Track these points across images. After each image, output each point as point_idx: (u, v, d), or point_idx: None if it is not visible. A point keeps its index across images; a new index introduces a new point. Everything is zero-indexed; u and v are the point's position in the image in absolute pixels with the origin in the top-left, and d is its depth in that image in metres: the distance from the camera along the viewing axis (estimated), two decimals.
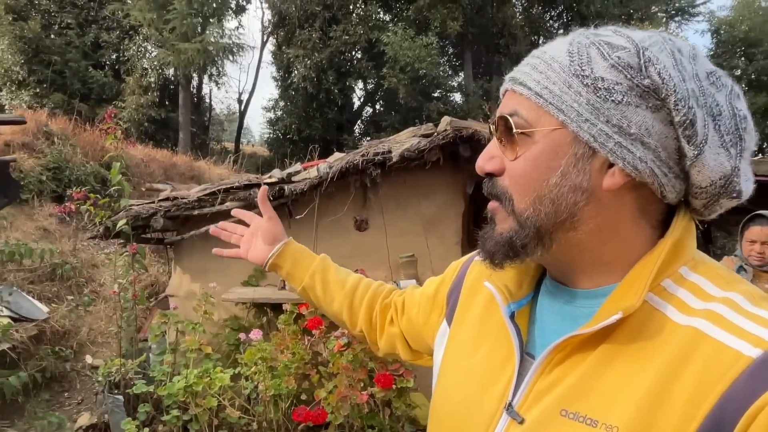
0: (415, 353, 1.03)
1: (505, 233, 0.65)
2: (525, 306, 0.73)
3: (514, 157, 0.63)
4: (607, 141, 0.58)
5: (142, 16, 16.19)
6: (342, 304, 1.08)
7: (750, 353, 0.51)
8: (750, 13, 22.32)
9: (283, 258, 1.10)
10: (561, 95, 0.59)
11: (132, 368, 3.77)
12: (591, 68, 0.58)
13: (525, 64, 0.65)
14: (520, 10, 21.31)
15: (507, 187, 0.64)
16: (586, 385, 0.59)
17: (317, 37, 17.05)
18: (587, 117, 0.58)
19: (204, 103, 22.90)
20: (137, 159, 9.48)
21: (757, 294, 0.58)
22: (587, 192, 0.60)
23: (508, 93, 0.66)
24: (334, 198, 3.93)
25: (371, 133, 18.95)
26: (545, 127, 0.60)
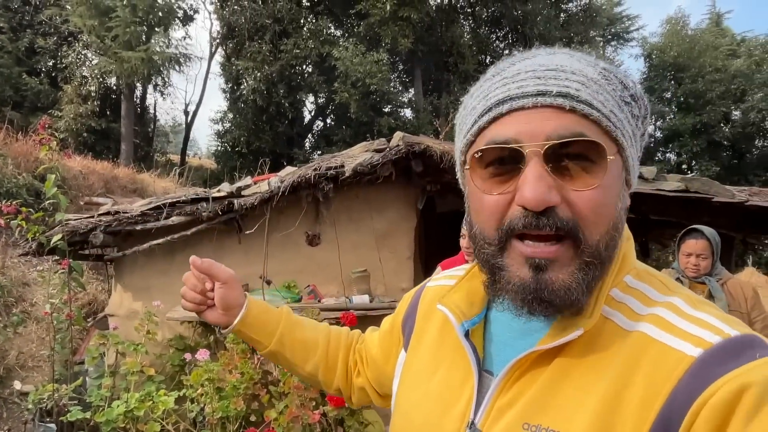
0: (385, 399, 0.98)
1: (580, 276, 0.58)
2: (478, 324, 0.73)
3: (591, 186, 0.56)
4: (635, 165, 0.62)
5: (82, 22, 15.53)
6: (317, 366, 0.99)
7: (692, 353, 0.54)
8: (678, 40, 23.89)
9: (245, 325, 0.97)
10: (622, 119, 0.59)
11: (66, 394, 3.54)
12: (626, 94, 0.60)
13: (565, 80, 0.58)
14: (468, 30, 21.93)
15: (572, 220, 0.57)
16: (546, 397, 0.60)
17: (267, 50, 16.87)
18: (632, 143, 0.61)
19: (148, 114, 22.15)
20: (75, 171, 9.00)
21: (696, 298, 0.62)
22: (627, 211, 0.64)
23: (548, 111, 0.57)
24: (286, 213, 3.87)
25: (322, 147, 18.88)
26: (612, 153, 0.58)
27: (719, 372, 0.51)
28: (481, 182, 0.61)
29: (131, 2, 15.59)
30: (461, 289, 0.75)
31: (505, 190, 0.59)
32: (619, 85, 0.60)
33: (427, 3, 18.34)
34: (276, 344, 0.97)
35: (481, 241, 0.63)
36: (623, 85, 0.61)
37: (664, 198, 3.48)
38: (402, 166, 3.75)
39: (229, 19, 17.91)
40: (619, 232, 0.61)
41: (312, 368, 0.99)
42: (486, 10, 21.37)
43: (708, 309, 0.59)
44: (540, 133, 0.56)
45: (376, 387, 0.98)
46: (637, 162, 0.64)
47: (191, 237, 3.81)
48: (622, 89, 0.60)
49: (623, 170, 0.61)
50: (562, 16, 23.14)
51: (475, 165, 0.61)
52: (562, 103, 0.56)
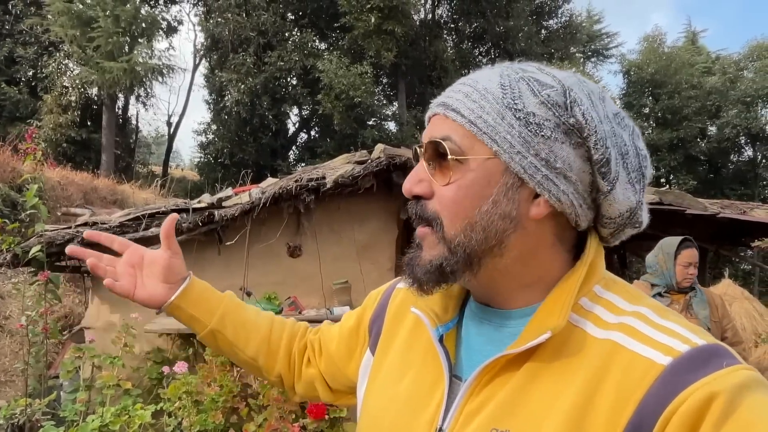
0: (335, 393, 0.97)
1: (434, 259, 0.65)
2: (452, 329, 0.73)
3: (446, 182, 0.63)
4: (536, 173, 0.61)
5: (63, 32, 15.41)
6: (258, 349, 0.95)
7: (662, 361, 0.55)
8: (655, 57, 24.50)
9: (186, 299, 0.91)
10: (495, 126, 0.61)
11: (40, 408, 3.45)
12: (523, 103, 0.61)
13: (456, 91, 0.65)
14: (451, 45, 22.25)
15: (438, 212, 0.64)
16: (514, 402, 0.61)
17: (251, 62, 16.90)
18: (519, 149, 0.60)
19: (130, 125, 21.97)
20: (53, 182, 8.86)
21: (662, 308, 0.63)
22: (515, 220, 0.62)
23: (438, 117, 0.66)
24: (267, 224, 3.86)
25: (306, 159, 18.90)
26: (479, 156, 0.62)
27: (689, 380, 0.52)
28: None
29: (114, 13, 15.53)
30: (435, 293, 0.74)
31: None
32: (516, 93, 0.61)
33: (411, 17, 18.58)
34: (217, 323, 0.92)
35: None
36: (532, 92, 0.61)
37: None
38: (383, 177, 3.78)
39: (213, 31, 17.93)
40: (485, 233, 0.62)
41: (253, 352, 0.95)
42: (469, 26, 21.74)
43: (675, 319, 0.61)
44: (427, 136, 0.66)
45: (328, 381, 0.96)
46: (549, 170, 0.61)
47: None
48: (517, 97, 0.61)
49: (505, 175, 0.62)
50: (543, 32, 23.65)
51: (414, 163, 0.70)
52: (439, 111, 0.66)
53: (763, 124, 22.81)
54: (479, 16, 20.46)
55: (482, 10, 20.08)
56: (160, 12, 19.85)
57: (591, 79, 16.66)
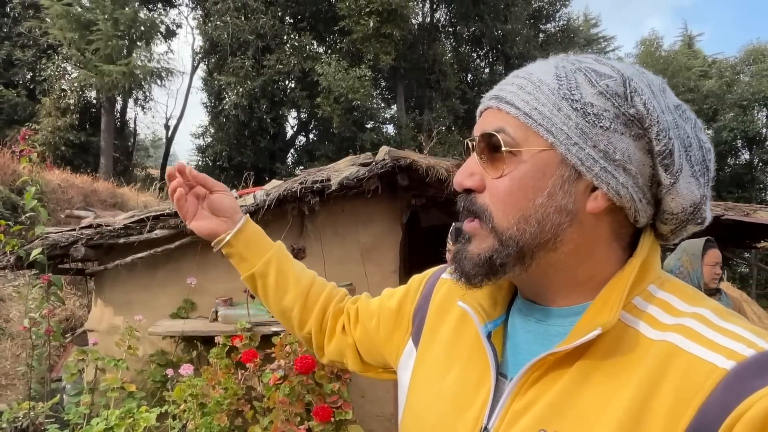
0: (365, 365, 0.98)
1: (483, 252, 0.64)
2: (500, 326, 0.72)
3: (499, 174, 0.63)
4: (594, 165, 0.59)
5: (62, 35, 15.40)
6: (295, 301, 0.98)
7: (724, 365, 0.52)
8: (652, 61, 24.65)
9: (238, 237, 0.96)
10: (551, 117, 0.60)
11: (43, 411, 3.44)
12: (580, 93, 0.60)
13: (509, 84, 0.65)
14: (450, 48, 22.31)
15: (488, 205, 0.64)
16: (564, 403, 0.59)
17: (250, 65, 16.91)
18: (576, 140, 0.59)
19: (128, 128, 21.92)
20: (54, 184, 8.85)
21: (723, 309, 0.61)
22: (571, 214, 0.61)
23: (491, 111, 0.66)
24: (271, 226, 3.85)
25: (305, 162, 18.88)
26: (534, 148, 0.61)
27: (754, 386, 0.49)
28: None
29: (113, 16, 15.54)
30: (484, 288, 0.73)
31: None
32: (573, 84, 0.61)
33: (410, 21, 18.63)
34: (263, 265, 0.97)
35: None
36: (589, 83, 0.61)
37: None
38: (387, 180, 3.77)
39: (211, 34, 17.93)
40: (539, 226, 0.61)
41: (289, 302, 0.98)
42: (467, 29, 21.80)
43: (737, 321, 0.58)
44: (479, 129, 0.66)
45: (361, 352, 0.97)
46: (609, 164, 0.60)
47: (174, 250, 3.77)
48: (575, 87, 0.61)
49: (561, 167, 0.61)
50: (541, 36, 23.75)
51: (466, 158, 0.70)
52: (492, 104, 0.65)
53: (760, 128, 22.93)
54: (477, 20, 20.52)
55: (480, 13, 20.15)
56: (159, 15, 19.89)
57: None
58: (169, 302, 3.93)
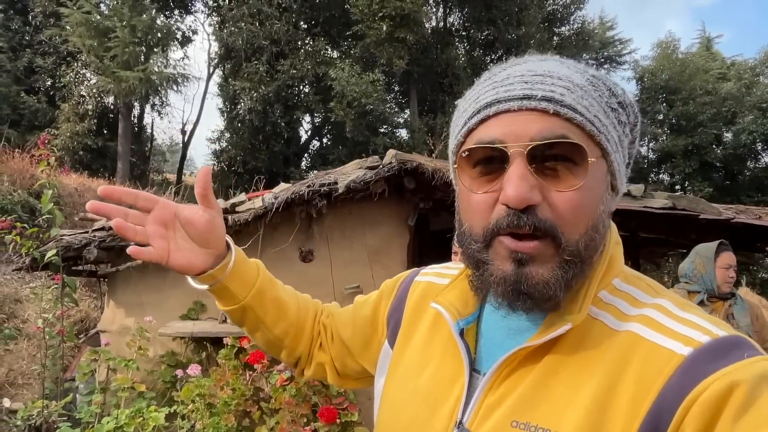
0: (343, 378, 0.96)
1: (559, 273, 0.60)
2: (472, 323, 0.73)
3: (571, 187, 0.59)
4: (621, 170, 0.64)
5: (81, 42, 15.71)
6: (287, 330, 0.90)
7: (682, 351, 0.55)
8: (669, 63, 24.31)
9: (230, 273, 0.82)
10: (607, 125, 0.61)
11: (56, 410, 3.51)
12: (614, 101, 0.62)
13: (551, 85, 0.60)
14: (463, 53, 22.29)
15: (553, 219, 0.59)
16: (535, 395, 0.60)
17: (264, 71, 17.08)
18: (617, 148, 0.62)
19: (145, 133, 22.25)
20: (70, 188, 9.03)
21: (683, 301, 0.63)
22: (610, 216, 0.65)
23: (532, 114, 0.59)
24: (279, 229, 3.89)
25: (318, 166, 18.97)
26: (595, 156, 0.60)
27: (709, 370, 0.52)
28: (469, 181, 0.63)
29: (131, 23, 15.81)
30: (456, 288, 0.76)
31: (491, 189, 0.61)
32: (606, 92, 0.62)
33: (423, 25, 18.66)
34: (252, 298, 0.84)
35: (468, 238, 0.65)
36: (611, 92, 0.63)
37: (652, 215, 3.53)
38: (395, 183, 3.79)
39: (227, 40, 18.15)
40: (600, 233, 0.62)
41: (281, 332, 0.89)
42: (480, 34, 21.75)
43: (694, 311, 0.61)
44: (524, 135, 0.58)
45: (338, 366, 0.95)
46: (625, 168, 0.66)
47: None
48: (609, 96, 0.62)
49: (607, 174, 0.63)
50: (555, 39, 23.60)
51: (463, 164, 0.64)
52: (546, 107, 0.58)
53: None
54: (490, 24, 20.47)
55: (493, 18, 20.10)
56: (176, 22, 20.19)
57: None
58: (180, 304, 3.98)
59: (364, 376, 0.94)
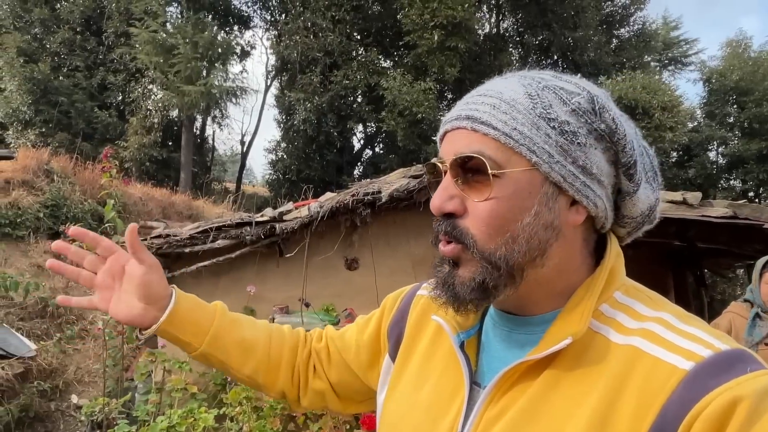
0: (344, 402, 0.95)
1: (476, 276, 0.63)
2: (473, 336, 0.74)
3: (484, 197, 0.61)
4: (575, 181, 0.62)
5: (148, 59, 16.64)
6: (257, 368, 0.90)
7: (684, 366, 0.54)
8: (740, 63, 22.92)
9: (172, 323, 0.83)
10: (532, 137, 0.61)
11: (116, 408, 3.71)
12: (555, 112, 0.62)
13: (478, 104, 0.64)
14: (517, 58, 21.95)
15: (469, 228, 0.63)
16: (535, 409, 0.60)
17: (318, 81, 17.47)
18: (558, 159, 0.61)
19: (206, 144, 23.24)
20: (135, 197, 9.57)
21: (684, 313, 0.62)
22: (556, 229, 0.63)
23: (462, 132, 0.64)
24: (325, 237, 3.97)
25: (370, 175, 19.13)
26: (516, 168, 0.61)
27: (712, 384, 0.51)
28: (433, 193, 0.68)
29: (193, 40, 16.60)
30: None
31: None
32: (546, 103, 0.62)
33: (475, 32, 18.54)
34: (208, 346, 0.85)
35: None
36: (561, 101, 0.62)
37: (711, 224, 3.35)
38: None
39: (283, 53, 18.71)
40: (527, 245, 0.62)
41: (251, 371, 0.89)
42: (535, 38, 21.34)
43: (696, 324, 0.60)
44: (450, 151, 0.64)
45: (338, 390, 0.94)
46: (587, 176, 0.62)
47: (235, 260, 3.97)
48: (548, 107, 0.61)
49: (544, 185, 0.62)
50: (614, 41, 22.81)
51: (429, 179, 0.70)
52: (465, 125, 0.63)
53: None
54: (545, 28, 20.05)
55: (548, 22, 19.68)
56: (235, 37, 21.02)
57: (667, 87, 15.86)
58: (231, 309, 4.11)
59: (367, 398, 0.94)
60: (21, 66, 16.16)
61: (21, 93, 16.07)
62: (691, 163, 21.08)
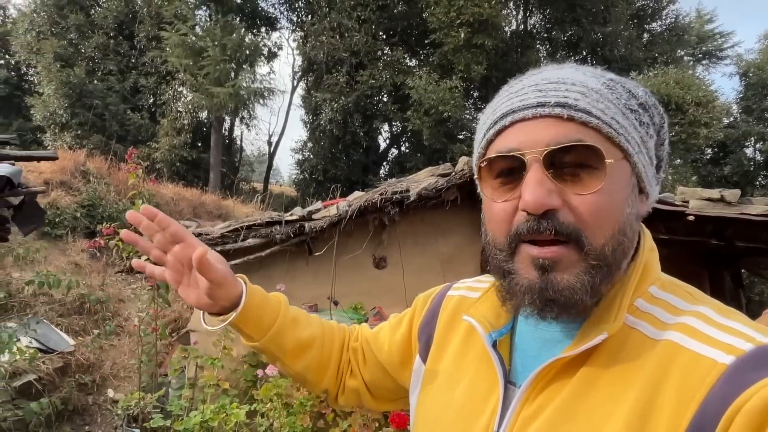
0: (378, 400, 0.96)
1: (585, 278, 0.59)
2: (505, 335, 0.73)
3: (590, 190, 0.58)
4: (648, 171, 0.63)
5: (179, 62, 16.98)
6: (308, 367, 0.91)
7: (724, 360, 0.53)
8: None
9: (238, 317, 0.84)
10: (626, 126, 0.60)
11: (150, 402, 3.80)
12: (632, 104, 0.62)
13: (564, 90, 0.60)
14: (545, 55, 21.64)
15: (575, 224, 0.58)
16: (572, 407, 0.59)
17: (344, 81, 17.56)
18: (640, 149, 0.62)
19: (235, 145, 23.58)
20: (167, 197, 9.79)
21: (724, 307, 0.61)
22: (640, 218, 0.64)
23: (548, 120, 0.59)
24: (353, 236, 3.99)
25: (396, 174, 19.14)
26: (616, 158, 0.59)
27: (753, 378, 0.50)
28: (491, 191, 0.64)
29: (222, 42, 16.86)
30: (487, 300, 0.76)
31: (511, 197, 0.61)
32: (624, 94, 0.62)
33: (502, 29, 18.35)
34: (267, 341, 0.86)
35: (493, 247, 0.65)
36: (631, 94, 0.63)
37: (751, 223, 3.24)
38: (467, 190, 3.77)
39: (309, 54, 18.86)
40: (628, 237, 0.61)
41: (302, 368, 0.91)
42: (563, 34, 21.01)
43: (737, 317, 0.59)
44: (540, 141, 0.59)
45: (371, 389, 0.94)
46: (654, 171, 0.65)
47: (265, 258, 4.02)
48: (628, 98, 0.62)
49: (632, 176, 0.62)
50: (646, 36, 22.28)
51: (484, 175, 0.65)
52: (560, 113, 0.59)
53: None
54: (574, 24, 19.72)
55: (577, 17, 19.35)
56: (262, 39, 21.27)
57: (702, 82, 15.41)
58: None
59: (399, 397, 0.94)
60: (58, 71, 16.69)
61: (58, 97, 16.61)
62: (726, 160, 20.46)
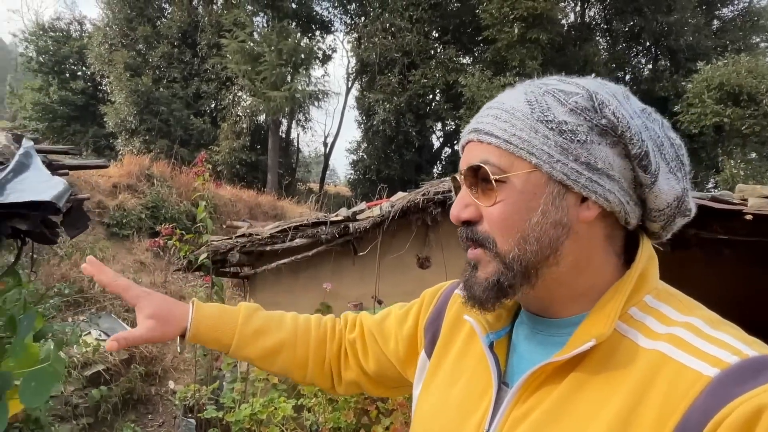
0: (380, 388, 1.01)
1: (491, 277, 0.66)
2: (503, 337, 0.76)
3: (492, 203, 0.65)
4: (579, 177, 0.63)
5: (237, 68, 17.63)
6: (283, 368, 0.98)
7: (708, 373, 0.54)
8: None
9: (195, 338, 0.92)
10: (530, 140, 0.63)
11: (206, 394, 4.01)
12: (552, 114, 0.64)
13: (485, 116, 0.68)
14: (604, 47, 20.86)
15: (488, 232, 0.66)
16: (559, 410, 0.62)
17: (396, 82, 17.64)
18: (558, 158, 0.63)
19: (292, 147, 24.19)
20: (225, 199, 10.21)
21: (716, 319, 0.61)
22: (566, 226, 0.64)
23: (473, 144, 0.69)
24: (397, 236, 4.03)
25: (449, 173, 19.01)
26: (520, 171, 0.64)
27: (736, 392, 0.51)
28: None
29: (278, 47, 17.37)
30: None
31: None
32: (544, 106, 0.64)
33: (558, 23, 17.84)
34: (232, 354, 0.95)
35: None
36: (559, 102, 0.64)
37: None
38: None
39: (362, 55, 19.08)
40: (539, 242, 0.64)
41: (277, 369, 0.98)
42: (624, 25, 20.17)
43: (727, 329, 0.59)
44: (464, 163, 0.69)
45: (374, 378, 0.98)
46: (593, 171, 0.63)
47: (312, 258, 4.12)
48: (546, 109, 0.64)
49: (549, 185, 0.64)
50: (715, 23, 21.01)
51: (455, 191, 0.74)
52: (473, 137, 0.69)
53: None
54: (636, 14, 18.89)
55: (639, 6, 18.53)
56: (317, 42, 21.71)
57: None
58: (309, 305, 4.29)
59: (400, 385, 0.98)
60: (128, 80, 17.77)
61: (128, 104, 17.70)
62: None
